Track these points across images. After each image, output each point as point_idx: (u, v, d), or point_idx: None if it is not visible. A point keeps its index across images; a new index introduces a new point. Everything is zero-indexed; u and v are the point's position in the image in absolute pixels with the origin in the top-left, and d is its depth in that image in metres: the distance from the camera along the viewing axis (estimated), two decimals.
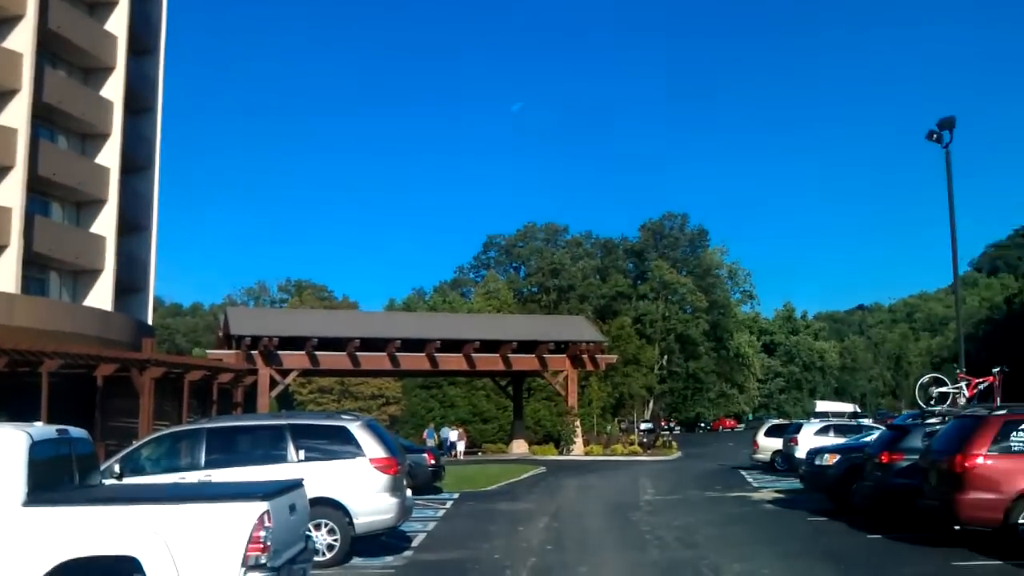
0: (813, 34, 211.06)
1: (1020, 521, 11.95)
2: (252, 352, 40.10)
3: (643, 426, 67.97)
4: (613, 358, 54.58)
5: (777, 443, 32.42)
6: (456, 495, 23.41)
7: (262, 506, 7.36)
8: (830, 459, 19.06)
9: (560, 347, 47.52)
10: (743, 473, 31.74)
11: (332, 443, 12.52)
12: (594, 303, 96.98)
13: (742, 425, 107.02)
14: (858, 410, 42.86)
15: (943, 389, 18.81)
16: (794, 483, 23.90)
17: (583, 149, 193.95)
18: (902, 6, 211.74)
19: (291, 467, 11.96)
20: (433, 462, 25.03)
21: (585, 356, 47.87)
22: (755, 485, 26.23)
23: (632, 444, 48.57)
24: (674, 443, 52.06)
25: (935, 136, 24.16)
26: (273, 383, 41.25)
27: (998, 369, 18.93)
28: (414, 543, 14.38)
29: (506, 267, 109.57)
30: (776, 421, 43.70)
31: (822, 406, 43.72)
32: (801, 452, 25.28)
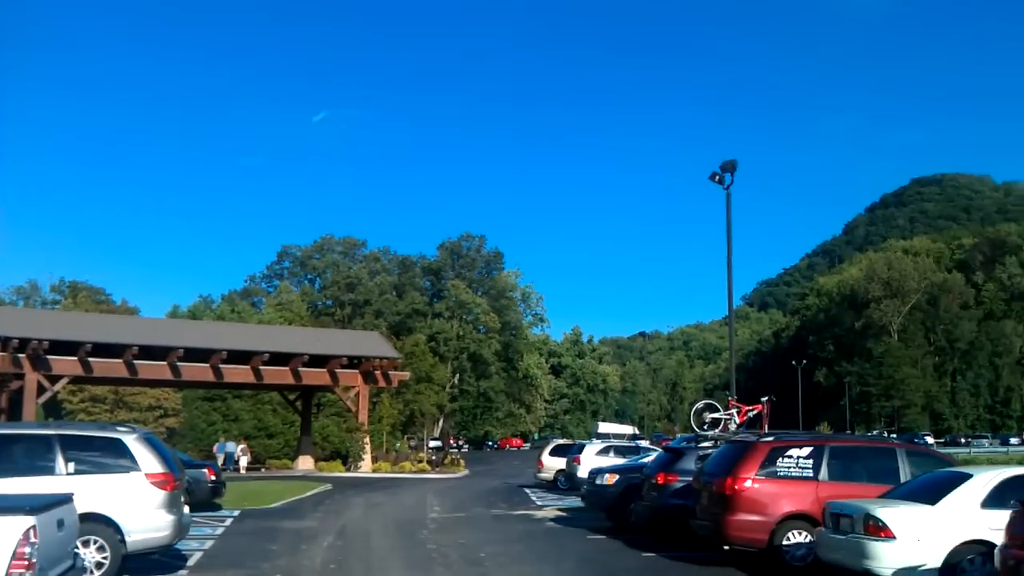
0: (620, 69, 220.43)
1: (784, 543, 12.77)
2: (19, 355, 37.17)
3: (432, 444, 68.11)
4: (406, 375, 54.40)
5: (561, 463, 33.18)
6: (237, 512, 22.52)
7: (28, 521, 6.85)
8: (610, 479, 19.66)
9: (353, 362, 46.88)
10: (527, 491, 32.27)
11: (105, 456, 11.76)
12: (389, 319, 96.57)
13: (528, 444, 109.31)
14: (637, 432, 44.66)
15: (716, 415, 19.92)
16: (576, 502, 24.52)
17: (385, 165, 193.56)
18: (697, 48, 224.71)
19: (59, 480, 11.15)
20: (214, 477, 23.99)
21: (378, 372, 47.47)
22: (539, 503, 26.73)
23: (421, 462, 48.50)
24: (462, 461, 52.42)
25: (717, 178, 25.64)
26: (41, 389, 38.34)
27: (766, 398, 20.28)
28: (189, 562, 13.71)
29: (300, 278, 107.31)
30: (560, 441, 44.81)
31: (604, 427, 45.21)
32: (583, 472, 25.91)
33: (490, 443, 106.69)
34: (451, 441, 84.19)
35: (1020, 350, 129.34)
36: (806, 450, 13.30)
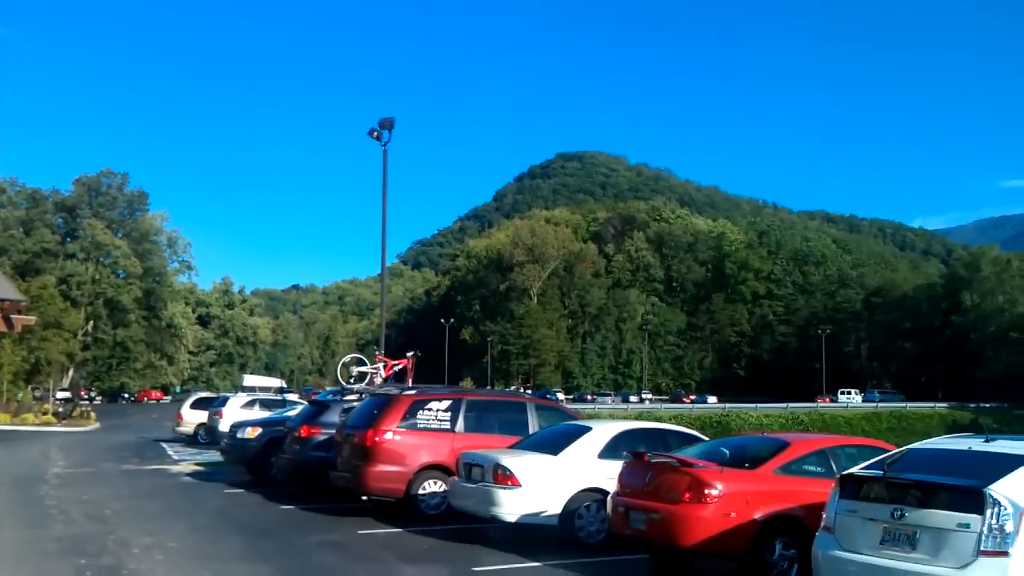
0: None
1: (420, 492, 13.16)
2: None
3: (60, 395, 62.96)
4: (31, 320, 49.37)
5: (203, 416, 32.15)
6: None
7: None
8: (252, 432, 19.24)
9: None
10: (164, 446, 30.92)
11: None
12: (14, 258, 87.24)
13: (169, 398, 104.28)
14: (284, 386, 44.15)
15: (363, 368, 20.10)
16: (217, 456, 23.80)
17: (19, 84, 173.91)
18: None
19: None
20: None
21: None
22: (176, 458, 25.66)
23: (46, 414, 44.74)
24: (93, 414, 48.92)
25: (375, 134, 25.68)
26: None
27: (411, 353, 20.77)
28: None
29: None
30: (203, 394, 43.23)
31: (249, 380, 44.20)
32: (225, 426, 25.21)
33: (127, 395, 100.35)
34: (82, 393, 78.12)
35: (642, 316, 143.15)
36: (445, 403, 13.77)
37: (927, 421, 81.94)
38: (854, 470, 7.98)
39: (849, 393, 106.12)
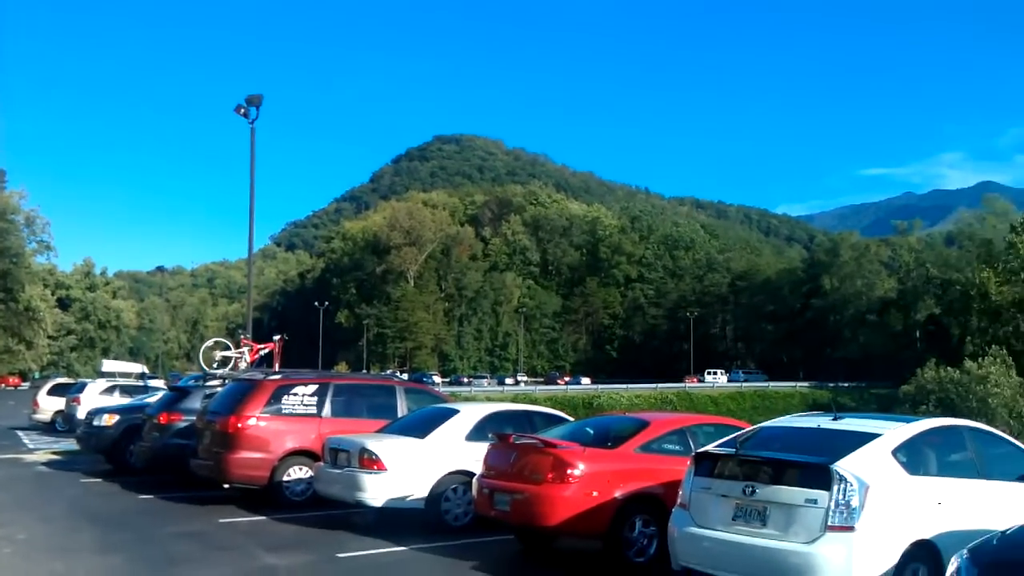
0: None
1: (284, 479, 12.88)
2: None
3: None
4: None
5: (61, 403, 30.77)
6: None
7: None
8: (109, 420, 18.50)
9: None
10: (20, 434, 29.50)
11: None
12: None
13: (27, 384, 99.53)
14: (146, 371, 42.61)
15: (227, 353, 19.54)
16: (74, 445, 22.81)
17: None
18: None
19: None
20: None
21: None
22: (31, 447, 24.51)
23: None
24: None
25: (243, 111, 24.91)
26: None
27: (279, 337, 20.33)
28: None
29: None
30: (61, 380, 41.38)
31: (109, 366, 42.52)
32: (83, 413, 24.17)
33: None
34: None
35: (518, 299, 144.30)
36: (311, 388, 13.51)
37: (788, 400, 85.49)
38: (708, 448, 8.20)
39: (715, 373, 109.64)
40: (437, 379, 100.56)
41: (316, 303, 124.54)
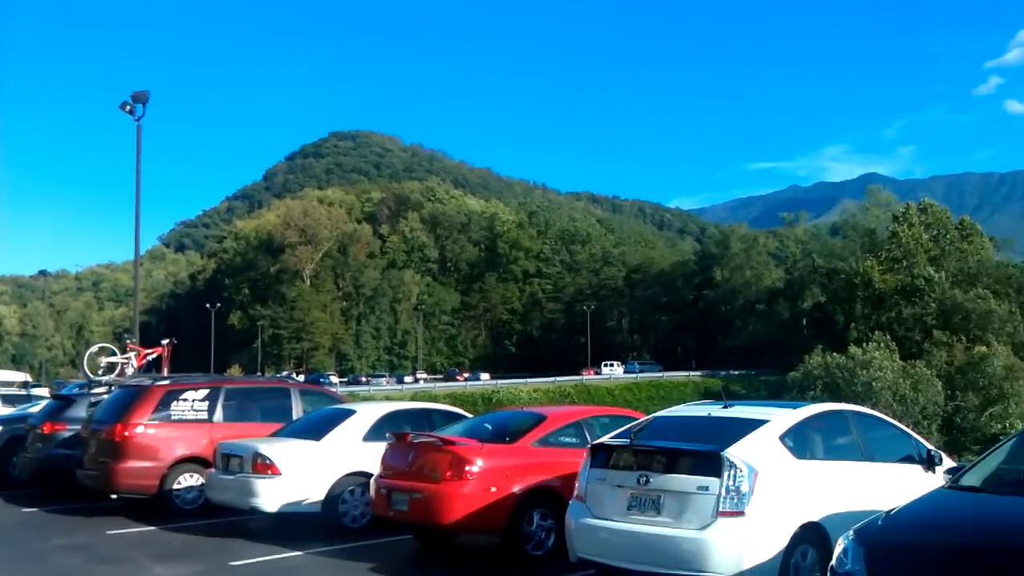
0: None
1: (174, 487, 12.49)
2: None
3: None
4: None
5: None
6: None
7: None
8: None
9: None
10: None
11: None
12: None
13: None
14: (30, 380, 40.86)
15: (113, 359, 18.87)
16: None
17: None
18: None
19: None
20: None
21: None
22: None
23: None
24: None
25: (128, 108, 24.12)
26: None
27: (167, 341, 19.75)
28: None
29: None
30: None
31: None
32: None
33: None
34: None
35: (417, 297, 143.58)
36: (201, 392, 13.12)
37: (682, 389, 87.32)
38: (604, 439, 8.29)
39: (612, 365, 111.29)
40: (335, 379, 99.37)
41: (208, 305, 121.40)
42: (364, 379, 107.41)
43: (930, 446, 8.82)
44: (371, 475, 10.46)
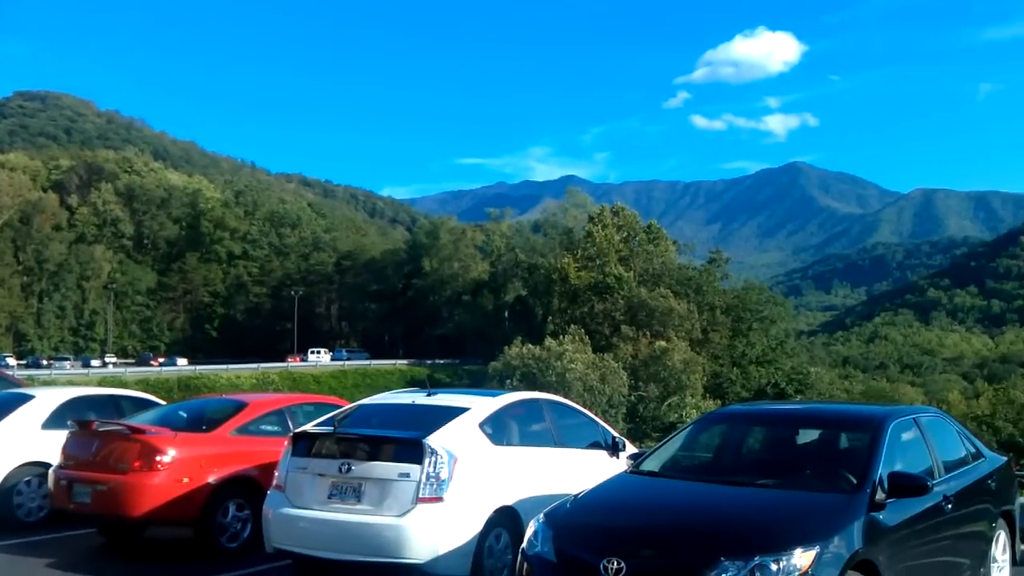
0: None
1: None
2: None
3: None
4: None
5: None
6: None
7: None
8: None
9: None
10: None
11: None
12: None
13: None
14: None
15: None
16: None
17: None
18: None
19: None
20: None
21: None
22: None
23: None
24: None
25: None
26: None
27: None
28: None
29: None
30: None
31: None
32: None
33: None
34: None
35: (108, 275, 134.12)
36: None
37: (389, 377, 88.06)
38: (306, 427, 8.19)
39: (319, 352, 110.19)
40: (12, 362, 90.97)
41: None
42: (46, 362, 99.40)
43: (615, 433, 9.48)
44: (50, 465, 9.76)
